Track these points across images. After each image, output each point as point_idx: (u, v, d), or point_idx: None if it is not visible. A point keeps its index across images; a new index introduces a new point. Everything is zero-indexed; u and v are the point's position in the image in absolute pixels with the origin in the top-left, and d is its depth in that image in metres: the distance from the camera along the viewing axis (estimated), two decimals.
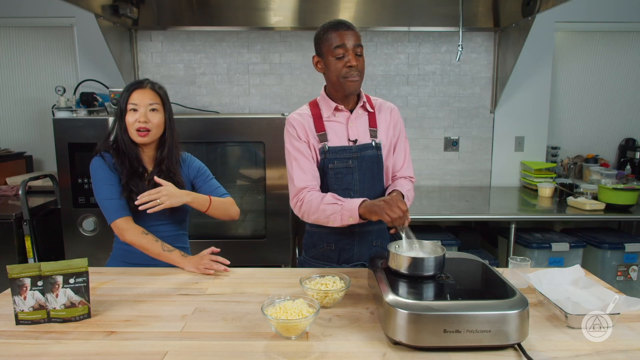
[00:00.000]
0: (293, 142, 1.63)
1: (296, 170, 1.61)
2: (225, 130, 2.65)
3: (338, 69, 1.55)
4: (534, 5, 2.77)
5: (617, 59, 3.48)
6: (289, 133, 1.65)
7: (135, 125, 1.64)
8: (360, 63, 1.55)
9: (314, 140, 1.63)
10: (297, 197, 1.60)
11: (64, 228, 2.67)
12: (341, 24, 1.54)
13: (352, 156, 1.62)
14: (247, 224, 2.82)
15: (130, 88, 1.66)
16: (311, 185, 1.59)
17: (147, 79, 1.72)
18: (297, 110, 1.69)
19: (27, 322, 1.22)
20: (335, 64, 1.55)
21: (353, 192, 1.63)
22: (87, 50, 3.30)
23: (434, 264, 1.23)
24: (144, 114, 1.64)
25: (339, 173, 1.62)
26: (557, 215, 2.80)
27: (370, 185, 1.66)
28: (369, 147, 1.64)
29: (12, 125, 3.48)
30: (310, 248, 1.76)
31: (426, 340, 1.04)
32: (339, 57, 1.54)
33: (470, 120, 3.44)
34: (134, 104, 1.64)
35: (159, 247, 1.64)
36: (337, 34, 1.52)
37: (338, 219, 1.50)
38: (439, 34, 3.33)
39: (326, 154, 1.61)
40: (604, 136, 3.58)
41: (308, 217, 1.59)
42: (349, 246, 1.69)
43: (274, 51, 3.34)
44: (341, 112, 1.65)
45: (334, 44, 1.53)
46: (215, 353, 1.07)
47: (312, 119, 1.64)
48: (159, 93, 1.70)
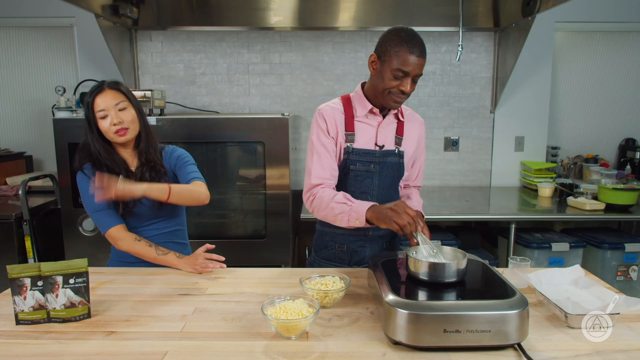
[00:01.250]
0: (320, 136, 1.58)
1: (316, 164, 1.57)
2: (225, 130, 2.65)
3: (390, 85, 1.49)
4: (534, 5, 2.77)
5: (617, 59, 3.48)
6: (318, 125, 1.59)
7: (112, 129, 1.60)
8: (412, 89, 1.50)
9: (341, 139, 1.60)
10: (311, 192, 1.57)
11: (64, 228, 2.67)
12: (417, 47, 1.45)
13: (374, 160, 1.61)
14: (247, 224, 2.82)
15: (90, 95, 1.60)
16: (327, 183, 1.57)
17: (104, 81, 1.65)
18: (329, 103, 1.64)
19: (27, 322, 1.22)
20: (389, 80, 1.49)
21: (370, 197, 1.62)
22: (87, 50, 3.30)
23: (455, 270, 1.20)
24: (114, 115, 1.60)
25: (359, 175, 1.61)
26: (557, 215, 2.80)
27: (387, 192, 1.65)
28: (392, 154, 1.63)
29: (12, 125, 3.48)
30: (321, 249, 1.74)
31: (426, 340, 1.04)
32: (397, 77, 1.47)
33: (470, 120, 3.44)
34: (101, 110, 1.59)
35: (153, 251, 1.64)
36: (408, 56, 1.44)
37: (345, 219, 1.47)
38: (439, 34, 3.33)
39: (350, 154, 1.60)
40: (604, 136, 3.58)
41: (318, 213, 1.57)
42: (360, 248, 1.68)
43: (274, 51, 3.34)
44: (374, 115, 1.62)
45: (400, 66, 1.45)
46: (215, 353, 1.07)
47: (344, 115, 1.61)
48: (121, 90, 1.64)
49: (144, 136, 1.70)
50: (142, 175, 1.68)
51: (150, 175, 1.69)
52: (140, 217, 1.70)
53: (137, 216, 1.69)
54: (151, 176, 1.69)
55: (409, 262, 1.25)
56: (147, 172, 1.69)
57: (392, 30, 1.50)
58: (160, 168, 1.72)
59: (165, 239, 1.75)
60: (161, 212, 1.73)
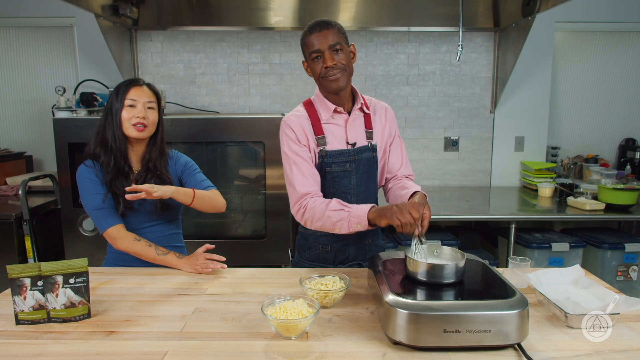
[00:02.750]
0: (292, 146, 1.57)
1: (297, 175, 1.55)
2: (225, 130, 2.65)
3: (317, 71, 1.54)
4: (534, 5, 2.77)
5: (617, 59, 3.48)
6: (287, 136, 1.58)
7: (133, 120, 1.62)
8: (340, 59, 1.51)
9: (313, 144, 1.59)
10: (300, 204, 1.54)
11: (64, 228, 2.67)
12: (315, 25, 1.51)
13: (349, 159, 1.61)
14: (247, 224, 2.82)
15: (127, 85, 1.64)
16: (314, 191, 1.55)
17: (140, 78, 1.71)
18: (292, 112, 1.64)
19: (27, 322, 1.22)
20: (314, 67, 1.54)
21: (350, 196, 1.61)
22: (87, 50, 3.30)
23: (454, 270, 1.21)
24: (142, 110, 1.63)
25: (336, 177, 1.60)
26: (557, 215, 2.80)
27: (366, 188, 1.65)
28: (366, 150, 1.63)
29: (12, 125, 3.48)
30: (304, 250, 1.73)
31: (426, 340, 1.04)
32: (316, 60, 1.52)
33: (470, 120, 3.44)
34: (132, 100, 1.62)
35: (153, 251, 1.63)
36: (312, 37, 1.50)
37: (345, 226, 1.45)
38: (439, 34, 3.33)
39: (324, 157, 1.59)
40: (604, 136, 3.58)
41: (312, 224, 1.53)
42: (344, 247, 1.68)
43: (274, 51, 3.34)
44: (340, 114, 1.62)
45: (310, 49, 1.52)
46: (215, 353, 1.07)
47: (310, 121, 1.60)
48: (155, 92, 1.70)
49: (159, 144, 1.72)
50: (144, 181, 1.68)
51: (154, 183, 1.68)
52: (139, 218, 1.70)
53: (137, 217, 1.69)
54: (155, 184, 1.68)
55: (407, 262, 1.25)
56: (150, 180, 1.69)
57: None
58: (166, 178, 1.72)
59: (163, 243, 1.74)
60: (160, 215, 1.73)
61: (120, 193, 1.63)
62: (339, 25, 1.53)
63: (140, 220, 1.70)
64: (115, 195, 1.64)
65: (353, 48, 1.59)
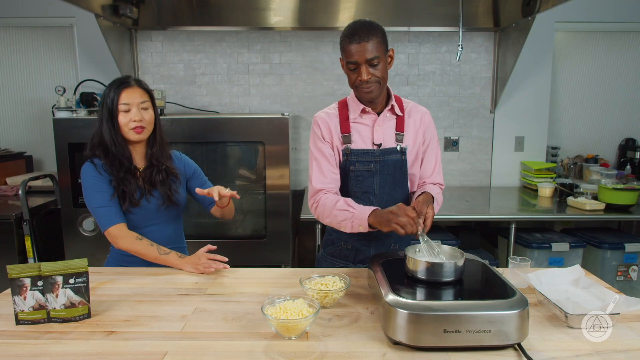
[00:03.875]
0: (317, 142, 1.62)
1: (315, 171, 1.60)
2: (225, 130, 2.65)
3: (352, 79, 1.53)
4: (534, 5, 2.77)
5: (617, 59, 3.48)
6: (314, 132, 1.64)
7: (131, 124, 1.62)
8: (376, 73, 1.50)
9: (337, 142, 1.61)
10: (314, 199, 1.60)
11: (64, 228, 2.67)
12: (355, 34, 1.46)
13: (374, 160, 1.60)
14: (247, 224, 2.82)
15: (118, 87, 1.61)
16: (328, 188, 1.58)
17: (129, 76, 1.68)
18: (325, 109, 1.67)
19: (27, 322, 1.22)
20: (350, 75, 1.54)
21: (372, 196, 1.62)
22: (87, 50, 3.30)
23: (453, 269, 1.21)
24: (137, 112, 1.62)
25: (359, 176, 1.61)
26: (557, 215, 2.80)
27: (390, 190, 1.63)
28: (393, 152, 1.61)
29: (12, 125, 3.48)
30: (328, 245, 1.76)
31: (426, 340, 1.04)
32: (353, 70, 1.51)
33: (470, 120, 3.44)
34: (125, 104, 1.61)
35: (155, 250, 1.63)
36: (351, 47, 1.47)
37: (349, 226, 1.49)
38: (439, 34, 3.33)
39: (348, 156, 1.60)
40: (604, 136, 3.58)
41: (323, 219, 1.59)
42: (365, 247, 1.68)
43: (274, 51, 3.34)
44: (368, 114, 1.62)
45: (347, 58, 1.49)
46: (215, 353, 1.07)
47: (338, 119, 1.62)
48: (147, 90, 1.68)
49: (158, 139, 1.73)
50: (150, 176, 1.69)
51: (159, 178, 1.70)
52: (143, 217, 1.70)
53: (141, 215, 1.69)
54: (161, 178, 1.70)
55: (407, 261, 1.26)
56: (157, 174, 1.70)
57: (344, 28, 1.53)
58: (172, 170, 1.74)
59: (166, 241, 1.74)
60: (164, 213, 1.73)
61: (129, 192, 1.64)
62: (380, 33, 1.49)
63: (144, 219, 1.70)
64: (123, 193, 1.64)
65: (392, 52, 1.56)
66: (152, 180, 1.69)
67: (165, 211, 1.73)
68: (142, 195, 1.67)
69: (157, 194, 1.70)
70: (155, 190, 1.70)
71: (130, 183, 1.65)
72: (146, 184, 1.69)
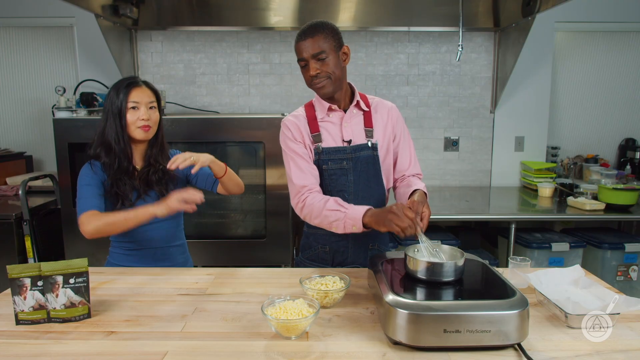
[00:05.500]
0: (289, 144, 1.62)
1: (294, 169, 1.60)
2: (225, 130, 2.65)
3: (306, 78, 1.58)
4: (534, 5, 2.77)
5: (617, 59, 3.48)
6: (284, 135, 1.64)
7: (138, 123, 1.63)
8: (324, 68, 1.52)
9: (309, 141, 1.62)
10: (298, 197, 1.58)
11: (64, 228, 2.67)
12: (302, 32, 1.52)
13: (346, 157, 1.61)
14: (247, 224, 2.82)
15: (127, 87, 1.63)
16: (310, 184, 1.57)
17: (137, 77, 1.71)
18: (292, 113, 1.69)
19: (27, 322, 1.22)
20: (303, 73, 1.58)
21: (347, 194, 1.61)
22: (87, 50, 3.30)
23: (453, 269, 1.21)
24: (145, 111, 1.64)
25: (333, 174, 1.61)
26: (557, 215, 2.80)
27: (365, 187, 1.63)
28: (364, 148, 1.62)
29: (12, 125, 3.48)
30: (305, 249, 1.75)
31: (426, 340, 1.04)
32: (304, 67, 1.56)
33: (470, 120, 3.44)
34: (134, 102, 1.63)
35: (123, 214, 1.56)
36: (299, 44, 1.52)
37: (341, 226, 1.47)
38: (439, 34, 3.33)
39: (320, 154, 1.61)
40: (604, 136, 3.58)
41: (310, 220, 1.57)
42: (343, 249, 1.68)
43: (274, 51, 3.34)
44: (335, 112, 1.63)
45: (298, 56, 1.55)
46: (215, 353, 1.07)
47: (306, 120, 1.64)
48: (155, 91, 1.71)
49: (159, 140, 1.74)
50: (147, 176, 1.70)
51: (155, 178, 1.70)
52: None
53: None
54: (157, 178, 1.71)
55: (407, 261, 1.26)
56: (153, 174, 1.70)
57: None
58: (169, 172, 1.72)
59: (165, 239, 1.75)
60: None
61: (122, 193, 1.64)
62: (327, 30, 1.51)
63: None
64: (116, 195, 1.64)
65: (346, 49, 1.58)
66: (148, 180, 1.69)
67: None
68: (138, 195, 1.67)
69: (153, 193, 1.70)
70: (151, 190, 1.70)
71: (125, 184, 1.64)
72: (142, 184, 1.69)
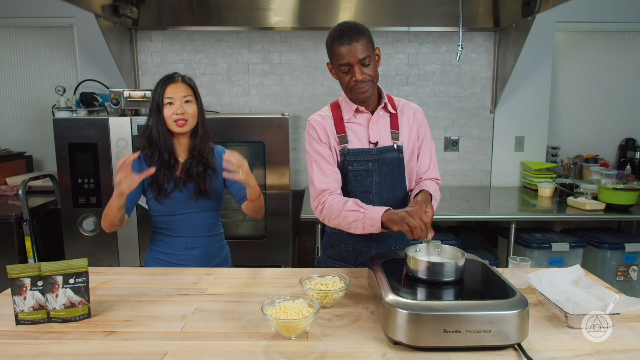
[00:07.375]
0: (313, 145, 1.61)
1: (316, 172, 1.58)
2: (225, 130, 2.65)
3: (345, 81, 1.53)
4: (534, 5, 2.77)
5: (617, 59, 3.48)
6: (309, 135, 1.62)
7: (173, 117, 1.70)
8: (369, 72, 1.51)
9: (334, 142, 1.61)
10: (318, 200, 1.57)
11: (64, 228, 2.67)
12: (344, 36, 1.46)
13: (372, 159, 1.60)
14: (247, 224, 2.82)
15: (164, 83, 1.72)
16: (332, 188, 1.56)
17: (176, 72, 1.77)
18: (318, 112, 1.67)
19: (27, 322, 1.22)
20: (342, 77, 1.53)
21: (372, 195, 1.61)
22: (87, 50, 3.30)
23: (453, 269, 1.21)
24: (179, 106, 1.70)
25: (358, 175, 1.60)
26: (557, 215, 2.80)
27: (390, 189, 1.63)
28: (390, 150, 1.61)
29: (12, 125, 3.48)
30: (328, 248, 1.75)
31: (426, 340, 1.04)
32: (345, 72, 1.51)
33: (470, 120, 3.44)
34: (169, 98, 1.70)
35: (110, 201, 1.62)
36: (341, 49, 1.47)
37: (360, 226, 1.46)
38: (439, 34, 3.33)
39: (346, 156, 1.60)
40: (604, 136, 3.58)
41: (329, 222, 1.56)
42: (366, 249, 1.67)
43: (274, 51, 3.34)
44: (362, 113, 1.62)
45: (339, 61, 1.49)
46: (215, 353, 1.07)
47: (332, 120, 1.62)
48: (191, 85, 1.77)
49: (201, 132, 1.78)
50: (189, 168, 1.75)
51: (197, 170, 1.75)
52: (175, 205, 1.75)
53: (173, 203, 1.74)
54: (197, 171, 1.75)
55: (408, 261, 1.26)
56: (195, 166, 1.75)
57: (329, 32, 1.53)
58: (211, 164, 1.78)
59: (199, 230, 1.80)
60: (195, 204, 1.77)
61: (158, 183, 1.71)
62: (367, 33, 1.49)
63: (176, 207, 1.75)
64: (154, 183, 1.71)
65: (378, 52, 1.57)
66: (190, 172, 1.75)
67: (196, 202, 1.77)
68: (175, 186, 1.73)
69: (191, 185, 1.75)
70: (190, 182, 1.75)
71: (164, 175, 1.72)
72: (183, 175, 1.75)
